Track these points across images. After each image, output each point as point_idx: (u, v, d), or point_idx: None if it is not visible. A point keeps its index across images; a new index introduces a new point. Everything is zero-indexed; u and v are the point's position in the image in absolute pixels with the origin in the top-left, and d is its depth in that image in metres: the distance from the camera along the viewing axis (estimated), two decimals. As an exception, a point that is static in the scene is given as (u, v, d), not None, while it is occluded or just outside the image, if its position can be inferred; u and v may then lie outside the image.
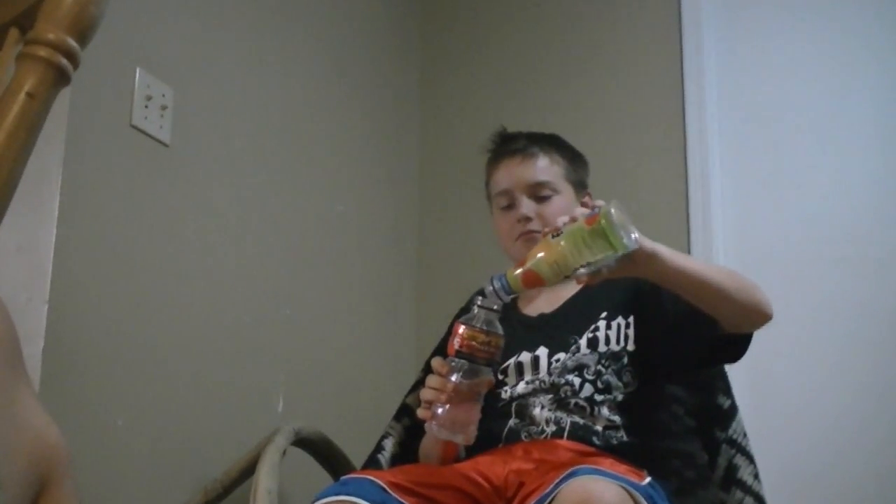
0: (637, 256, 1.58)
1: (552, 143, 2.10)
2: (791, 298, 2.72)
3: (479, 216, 2.20)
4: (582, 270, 1.57)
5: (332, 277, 2.82)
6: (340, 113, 2.95)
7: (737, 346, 1.79)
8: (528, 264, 1.61)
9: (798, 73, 2.95)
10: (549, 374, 1.89)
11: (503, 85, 3.29)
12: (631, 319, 1.91)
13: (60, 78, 1.08)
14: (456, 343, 1.70)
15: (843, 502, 2.61)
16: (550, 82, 3.21)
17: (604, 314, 1.92)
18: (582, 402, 1.84)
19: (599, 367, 1.87)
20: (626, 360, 1.88)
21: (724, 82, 3.00)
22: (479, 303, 1.70)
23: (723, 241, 2.87)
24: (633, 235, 1.56)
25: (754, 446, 2.02)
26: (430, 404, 1.71)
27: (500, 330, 1.69)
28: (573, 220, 1.59)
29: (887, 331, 2.71)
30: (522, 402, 1.89)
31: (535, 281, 1.61)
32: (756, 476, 1.96)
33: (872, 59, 2.87)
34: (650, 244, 1.61)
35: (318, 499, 1.64)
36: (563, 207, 1.98)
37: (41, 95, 1.06)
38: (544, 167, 2.05)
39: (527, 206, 2.01)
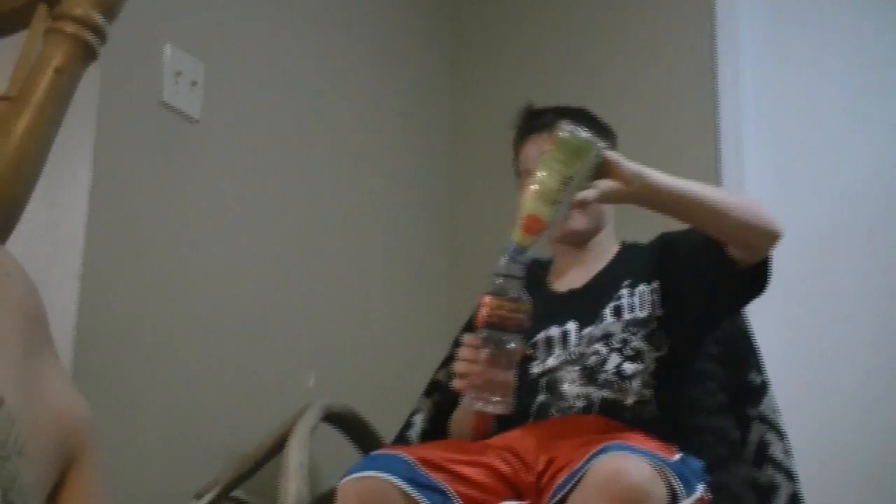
0: (618, 171, 1.62)
1: (579, 118, 2.04)
2: (829, 274, 2.73)
3: (510, 190, 2.18)
4: (575, 194, 1.61)
5: (364, 253, 2.81)
6: (371, 87, 2.93)
7: (758, 277, 1.77)
8: (521, 212, 1.64)
9: (837, 47, 2.90)
10: (578, 346, 1.88)
11: (534, 58, 3.25)
12: (656, 284, 1.90)
13: (88, 53, 1.08)
14: (483, 314, 1.69)
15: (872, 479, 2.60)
16: (581, 58, 3.17)
17: (627, 282, 1.91)
18: (611, 377, 1.83)
19: (626, 334, 1.85)
20: (654, 325, 1.86)
21: (760, 58, 2.95)
22: (500, 272, 1.69)
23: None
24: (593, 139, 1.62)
25: (787, 420, 2.00)
26: (464, 377, 1.70)
27: (526, 296, 1.69)
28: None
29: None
30: (552, 378, 1.88)
31: (534, 223, 1.64)
32: (787, 452, 1.95)
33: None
34: (635, 165, 1.64)
35: (347, 474, 1.64)
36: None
37: (69, 71, 1.06)
38: None
39: None
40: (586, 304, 1.94)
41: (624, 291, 1.90)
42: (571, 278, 2.03)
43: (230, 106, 2.36)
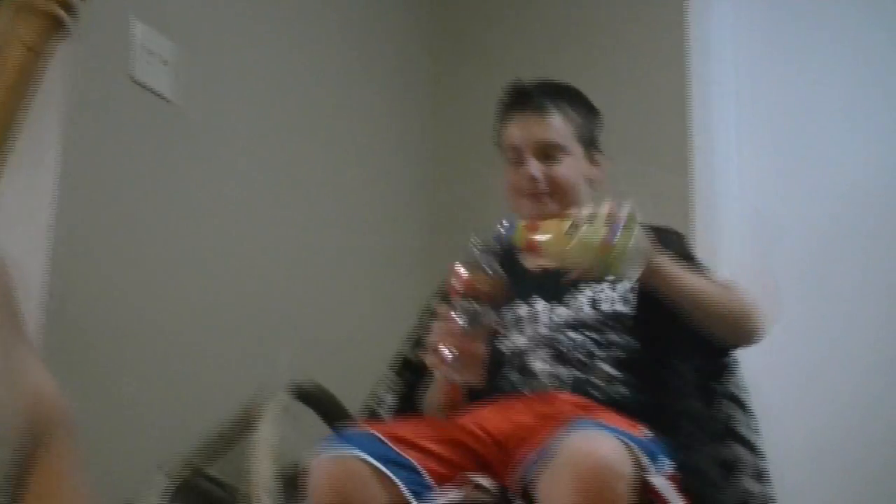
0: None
1: (567, 98, 2.05)
2: (811, 277, 2.74)
3: (485, 169, 2.17)
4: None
5: (337, 232, 2.80)
6: (348, 65, 2.91)
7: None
8: (537, 237, 1.65)
9: (826, 39, 2.89)
10: (549, 329, 1.88)
11: (515, 37, 3.21)
12: (638, 285, 1.87)
13: (59, 29, 1.06)
14: (458, 286, 1.71)
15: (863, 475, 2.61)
16: (559, 37, 3.16)
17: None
18: (582, 357, 1.83)
19: (601, 325, 1.86)
20: (631, 322, 1.86)
21: (740, 50, 2.94)
22: (477, 244, 1.71)
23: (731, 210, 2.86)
24: (638, 269, 1.62)
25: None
26: (438, 349, 1.71)
27: (501, 270, 1.71)
28: (592, 216, 1.61)
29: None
30: (523, 356, 1.88)
31: (535, 252, 1.66)
32: (753, 428, 1.96)
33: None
34: (656, 262, 1.69)
35: (317, 451, 1.63)
36: (572, 168, 1.99)
37: (39, 47, 1.04)
38: (557, 126, 1.99)
39: (535, 167, 1.96)
40: (555, 282, 1.91)
41: (605, 284, 1.89)
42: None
43: (204, 85, 2.34)
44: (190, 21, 2.32)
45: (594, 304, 1.88)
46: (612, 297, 1.89)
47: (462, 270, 1.71)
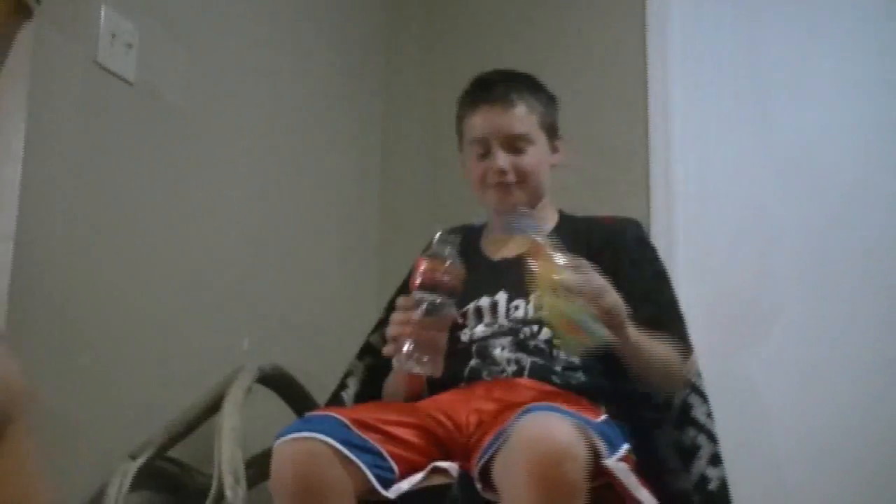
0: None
1: (529, 88, 2.06)
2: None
3: (442, 167, 2.18)
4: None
5: (296, 220, 2.80)
6: (307, 59, 2.91)
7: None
8: (534, 267, 1.68)
9: (771, 19, 2.91)
10: (509, 320, 1.89)
11: (468, 24, 3.23)
12: None
13: (23, 11, 1.05)
14: (418, 277, 1.71)
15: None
16: (515, 20, 3.16)
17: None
18: (541, 345, 1.85)
19: None
20: None
21: (688, 29, 2.95)
22: (438, 237, 1.73)
23: (684, 185, 2.86)
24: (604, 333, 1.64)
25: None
26: (396, 339, 1.71)
27: (460, 263, 1.72)
28: (568, 289, 1.64)
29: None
30: (483, 344, 1.89)
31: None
32: (709, 415, 1.98)
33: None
34: (625, 334, 1.70)
35: (282, 435, 1.63)
36: (537, 158, 2.01)
37: (4, 28, 1.04)
38: (522, 117, 2.00)
39: (503, 159, 1.98)
40: (518, 276, 1.89)
41: None
42: (507, 247, 2.02)
43: (164, 69, 2.32)
44: (154, 4, 2.30)
45: None
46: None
47: (423, 262, 1.72)
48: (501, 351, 1.86)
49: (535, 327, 1.87)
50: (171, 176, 2.33)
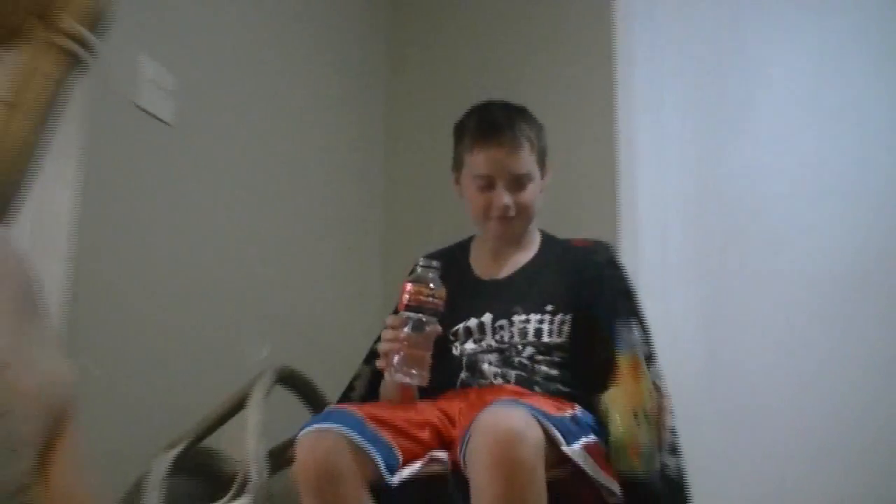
0: None
1: (528, 124, 1.97)
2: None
3: (444, 168, 2.13)
4: None
5: (311, 241, 2.80)
6: (320, 93, 2.91)
7: None
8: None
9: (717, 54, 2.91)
10: (495, 340, 1.88)
11: (467, 45, 3.19)
12: (571, 315, 1.89)
13: (76, 63, 1.06)
14: (405, 299, 1.72)
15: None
16: (498, 46, 3.12)
17: (550, 307, 1.89)
18: (525, 361, 1.84)
19: (542, 348, 1.87)
20: (568, 344, 1.87)
21: (652, 63, 2.95)
22: (421, 263, 1.73)
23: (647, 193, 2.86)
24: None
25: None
26: (387, 355, 1.71)
27: (441, 285, 1.72)
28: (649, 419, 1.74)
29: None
30: (472, 358, 1.89)
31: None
32: (670, 411, 1.97)
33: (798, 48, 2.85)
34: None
35: (306, 426, 1.63)
36: (534, 192, 1.96)
37: (58, 78, 1.04)
38: (525, 158, 1.92)
39: (507, 197, 1.91)
40: (502, 298, 1.94)
41: (546, 317, 1.88)
42: (494, 268, 2.01)
43: (198, 111, 2.33)
44: (188, 54, 2.31)
45: (537, 334, 1.87)
46: (552, 329, 1.88)
47: (409, 286, 1.72)
48: (489, 366, 1.86)
49: (520, 346, 1.86)
50: (203, 202, 2.34)
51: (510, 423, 1.46)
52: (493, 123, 1.94)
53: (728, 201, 2.80)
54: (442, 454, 1.70)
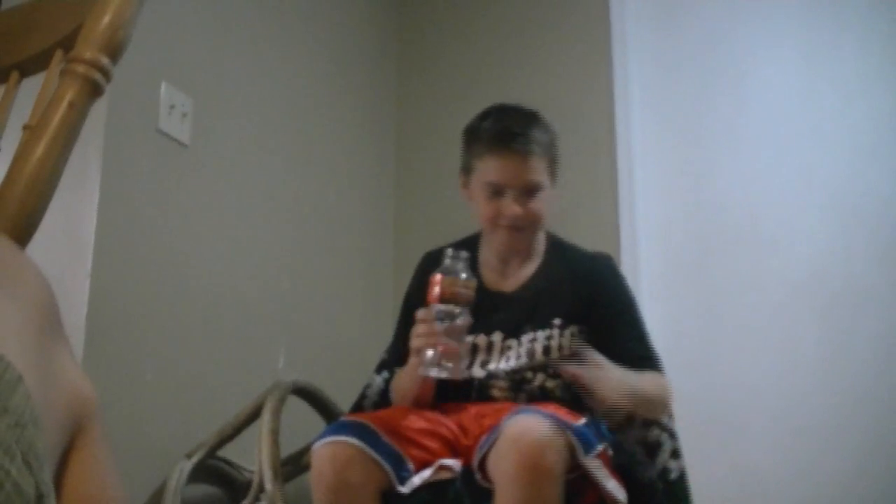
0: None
1: (542, 131, 1.85)
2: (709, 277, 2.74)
3: (454, 184, 2.04)
4: None
5: (324, 254, 2.81)
6: (328, 109, 2.92)
7: None
8: None
9: (710, 81, 2.93)
10: (503, 362, 1.83)
11: (472, 68, 3.20)
12: (580, 327, 1.84)
13: (95, 90, 1.08)
14: (436, 292, 1.62)
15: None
16: (503, 70, 3.12)
17: (558, 321, 1.83)
18: (534, 389, 1.81)
19: (551, 366, 1.82)
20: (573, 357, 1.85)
21: (647, 83, 2.96)
22: (450, 254, 1.65)
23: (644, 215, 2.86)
24: None
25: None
26: (420, 350, 1.63)
27: (472, 275, 1.65)
28: None
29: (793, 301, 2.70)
30: (482, 384, 1.83)
31: None
32: (670, 416, 1.97)
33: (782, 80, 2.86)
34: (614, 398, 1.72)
35: (320, 438, 1.63)
36: (545, 202, 1.85)
37: (79, 104, 1.06)
38: (537, 167, 1.81)
39: (517, 206, 1.81)
40: (511, 314, 1.87)
41: (555, 332, 1.82)
42: (502, 276, 1.94)
43: (214, 132, 2.36)
44: (205, 79, 2.33)
45: (546, 351, 1.82)
46: (562, 343, 1.82)
47: (439, 278, 1.62)
48: (500, 392, 1.81)
49: (530, 375, 1.81)
50: (220, 221, 2.35)
51: (538, 432, 1.47)
52: (507, 130, 1.82)
53: (723, 211, 2.81)
54: (451, 462, 1.70)
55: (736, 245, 2.76)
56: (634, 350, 1.83)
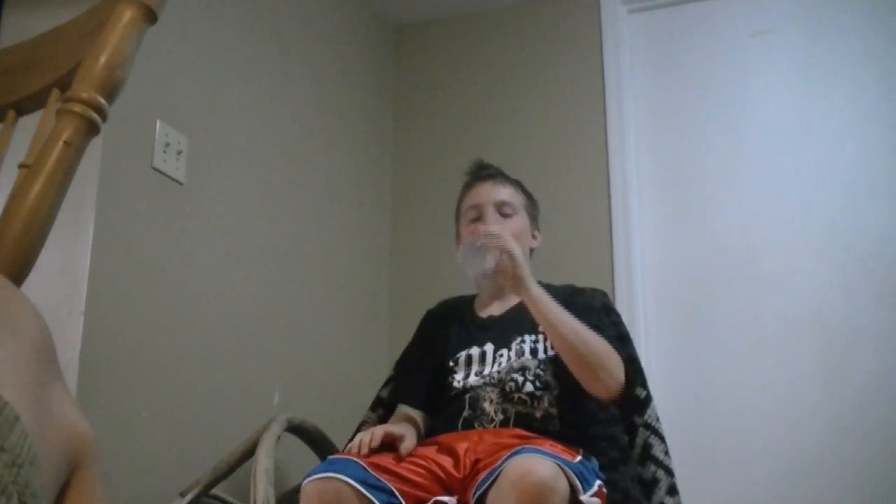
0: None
1: (516, 182, 2.12)
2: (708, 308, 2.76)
3: (447, 230, 2.18)
4: None
5: (318, 293, 2.81)
6: (323, 150, 2.94)
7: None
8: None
9: (701, 124, 2.96)
10: (497, 371, 1.89)
11: (465, 113, 3.26)
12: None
13: (91, 129, 1.08)
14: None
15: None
16: (499, 121, 3.19)
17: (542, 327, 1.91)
18: (525, 397, 1.84)
19: (538, 370, 1.88)
20: (561, 363, 1.87)
21: (642, 126, 2.99)
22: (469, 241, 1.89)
23: (640, 256, 2.88)
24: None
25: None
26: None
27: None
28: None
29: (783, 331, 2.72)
30: (474, 395, 1.88)
31: None
32: (667, 452, 1.97)
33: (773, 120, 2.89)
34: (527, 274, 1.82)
35: (309, 476, 1.63)
36: (522, 227, 2.02)
37: (75, 143, 1.06)
38: (510, 192, 2.06)
39: (493, 218, 2.00)
40: (502, 330, 1.97)
41: (541, 336, 1.92)
42: (493, 307, 2.05)
43: (209, 171, 2.35)
44: (200, 118, 2.34)
45: (533, 352, 1.90)
46: (547, 346, 1.91)
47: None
48: (490, 404, 1.86)
49: (520, 379, 1.86)
50: (214, 258, 2.35)
51: (540, 473, 1.47)
52: (480, 165, 2.15)
53: (721, 249, 2.83)
54: (447, 499, 1.69)
55: (734, 283, 2.78)
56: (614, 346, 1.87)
